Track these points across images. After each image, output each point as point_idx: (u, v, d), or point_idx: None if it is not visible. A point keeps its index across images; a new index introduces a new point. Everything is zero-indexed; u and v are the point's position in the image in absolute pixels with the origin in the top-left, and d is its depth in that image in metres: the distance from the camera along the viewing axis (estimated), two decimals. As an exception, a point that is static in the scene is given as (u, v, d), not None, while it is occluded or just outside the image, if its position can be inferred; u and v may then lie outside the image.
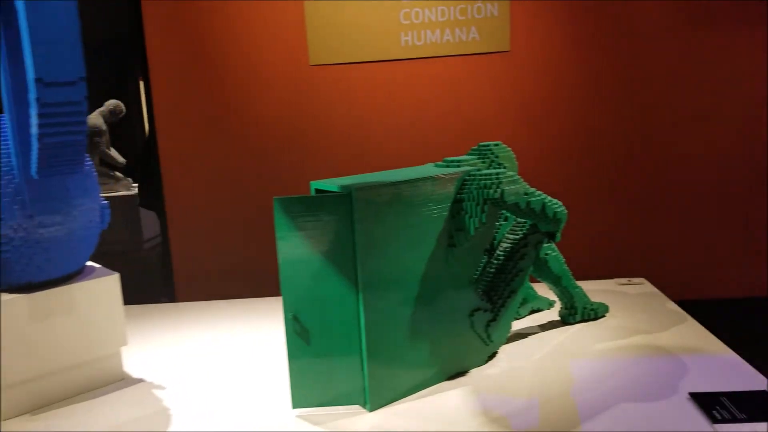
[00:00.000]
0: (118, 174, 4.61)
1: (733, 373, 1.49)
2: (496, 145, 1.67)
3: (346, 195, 1.36)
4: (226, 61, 3.00)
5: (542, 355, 1.65)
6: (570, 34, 2.81)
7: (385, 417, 1.40)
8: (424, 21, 2.81)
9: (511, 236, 1.70)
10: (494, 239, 1.77)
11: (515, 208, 1.54)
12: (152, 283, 3.82)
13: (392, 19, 2.82)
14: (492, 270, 1.67)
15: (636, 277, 2.22)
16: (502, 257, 1.68)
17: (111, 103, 4.47)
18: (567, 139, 2.91)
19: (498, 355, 1.66)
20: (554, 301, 1.98)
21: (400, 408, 1.43)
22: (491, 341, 1.62)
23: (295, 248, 1.38)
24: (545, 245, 1.73)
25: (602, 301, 1.94)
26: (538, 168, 2.93)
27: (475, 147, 1.67)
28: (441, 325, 1.53)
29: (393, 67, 2.85)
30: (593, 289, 2.11)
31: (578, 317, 1.84)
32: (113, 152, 4.60)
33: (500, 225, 1.77)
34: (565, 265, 1.79)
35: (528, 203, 1.55)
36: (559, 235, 1.72)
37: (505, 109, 2.92)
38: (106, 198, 1.78)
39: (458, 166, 1.58)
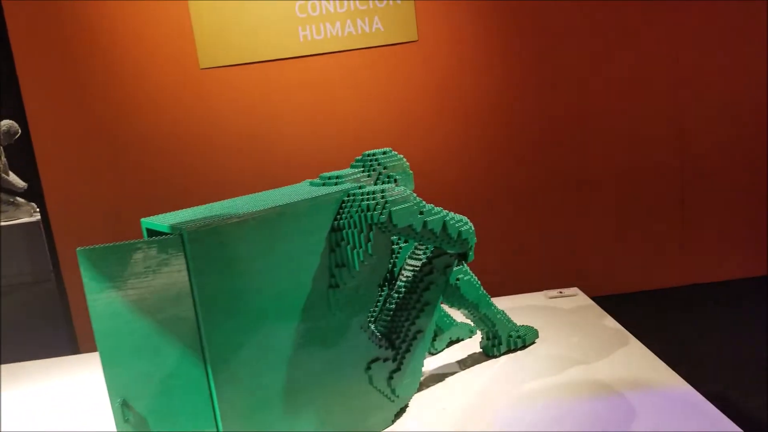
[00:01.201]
0: (19, 199, 4.11)
1: (692, 414, 1.18)
2: (384, 153, 1.32)
3: (175, 239, 0.99)
4: (110, 68, 2.58)
5: (462, 405, 1.32)
6: (482, 20, 2.50)
7: None
8: (323, 13, 2.44)
9: (413, 262, 1.36)
10: (393, 267, 1.42)
11: (410, 232, 1.20)
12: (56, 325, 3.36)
13: (288, 14, 2.44)
14: (392, 306, 1.33)
15: (568, 287, 1.91)
16: (403, 290, 1.33)
17: (4, 123, 3.96)
18: (481, 136, 2.64)
19: (408, 410, 1.32)
20: (476, 327, 1.65)
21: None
22: (397, 396, 1.28)
23: (114, 315, 1.00)
24: (456, 269, 1.40)
25: (531, 322, 1.62)
26: (450, 171, 2.68)
27: (359, 157, 1.32)
28: (329, 387, 1.18)
29: (291, 65, 2.48)
30: (520, 306, 1.80)
31: (503, 348, 1.52)
32: (12, 177, 4.10)
33: (400, 249, 1.43)
34: (482, 289, 1.45)
35: (425, 224, 1.20)
36: (471, 254, 1.39)
37: (415, 106, 2.60)
38: (7, 226, 1.36)
39: (336, 184, 1.22)
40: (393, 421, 1.28)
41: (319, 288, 1.15)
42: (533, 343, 1.57)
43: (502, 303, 1.80)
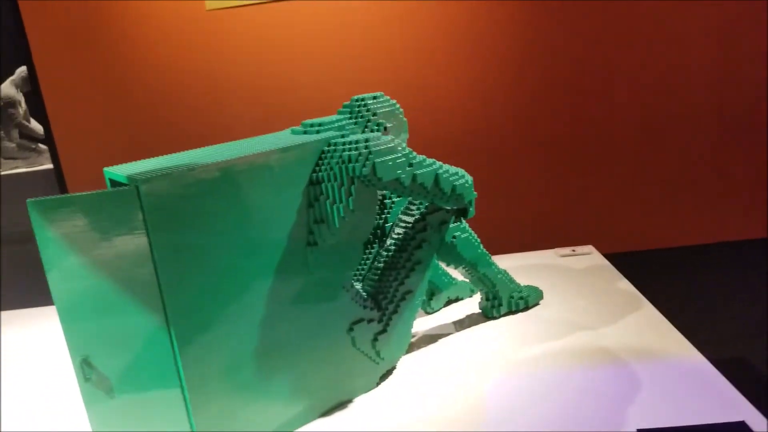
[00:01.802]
0: (41, 146, 4.09)
1: (701, 387, 1.08)
2: (375, 98, 1.20)
3: (130, 191, 0.90)
4: (114, 10, 2.49)
5: (453, 369, 1.24)
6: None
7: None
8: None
9: (406, 218, 1.26)
10: (384, 223, 1.32)
11: (397, 187, 1.09)
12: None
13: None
14: (381, 265, 1.24)
15: (583, 245, 1.79)
16: (393, 248, 1.24)
17: (23, 69, 3.92)
18: (495, 82, 2.48)
19: (395, 373, 1.25)
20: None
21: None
22: (382, 358, 1.20)
23: (70, 271, 0.93)
24: (453, 226, 1.29)
25: (538, 283, 1.51)
26: (459, 118, 2.53)
27: (347, 102, 1.21)
28: (307, 349, 1.10)
29: (295, 7, 2.34)
30: (528, 265, 1.69)
31: (503, 309, 1.42)
32: (33, 123, 4.08)
33: (392, 204, 1.33)
34: (482, 247, 1.35)
35: (414, 178, 1.10)
36: (472, 209, 1.28)
37: (430, 46, 2.44)
38: (30, 173, 1.32)
39: (317, 132, 1.12)
40: (377, 384, 1.21)
41: (296, 245, 1.06)
42: (537, 305, 1.46)
43: (508, 261, 1.70)
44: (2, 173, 3.95)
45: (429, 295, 1.47)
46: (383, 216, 1.32)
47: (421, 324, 1.43)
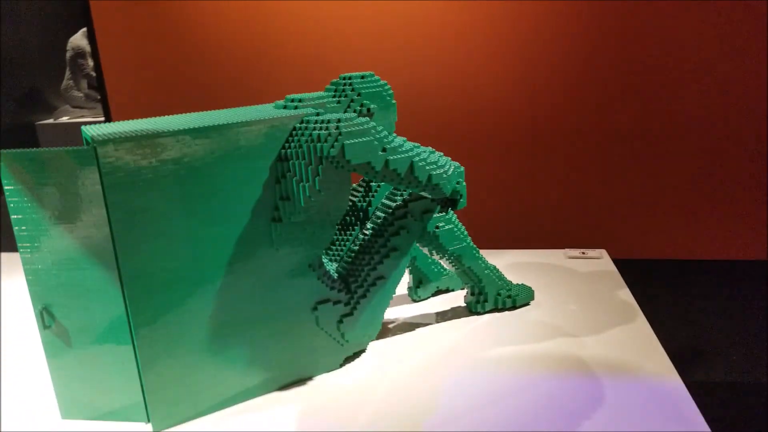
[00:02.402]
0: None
1: (667, 411, 1.02)
2: (363, 77, 1.17)
3: (88, 151, 0.92)
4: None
5: (419, 361, 1.22)
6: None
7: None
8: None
9: (388, 203, 1.24)
10: (368, 206, 1.31)
11: (369, 171, 1.07)
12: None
13: None
14: (356, 248, 1.22)
15: (596, 248, 1.72)
16: (370, 231, 1.22)
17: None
18: (517, 73, 2.38)
19: (362, 357, 1.24)
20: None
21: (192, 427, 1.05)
22: (346, 341, 1.19)
23: (33, 223, 0.97)
24: (437, 216, 1.26)
25: (534, 282, 1.46)
26: (474, 107, 2.45)
27: (335, 80, 1.18)
28: (267, 323, 1.11)
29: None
30: (533, 262, 1.64)
31: (489, 306, 1.38)
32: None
33: (378, 186, 1.31)
34: (468, 240, 1.31)
35: (386, 164, 1.07)
36: (463, 201, 1.25)
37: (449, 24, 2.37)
38: (95, 123, 1.38)
39: (296, 108, 1.11)
40: (341, 365, 1.21)
41: (261, 220, 1.06)
42: (526, 304, 1.42)
43: (514, 256, 1.65)
44: (69, 121, 4.15)
45: (417, 283, 1.44)
46: (367, 199, 1.30)
47: (404, 311, 1.42)
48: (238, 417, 1.07)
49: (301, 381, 1.17)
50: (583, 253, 1.68)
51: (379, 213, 1.23)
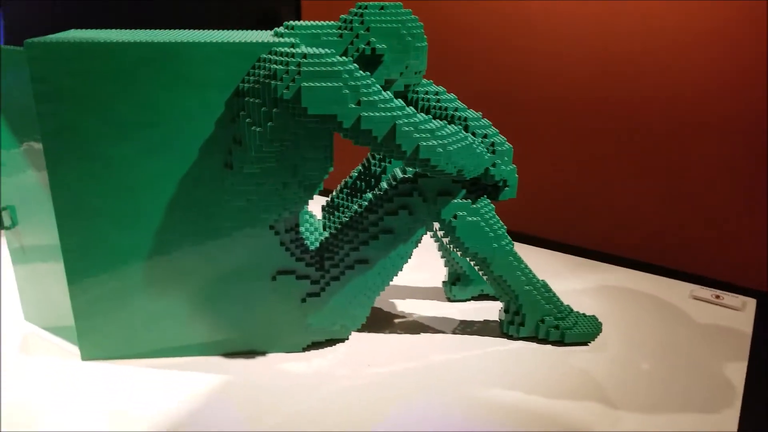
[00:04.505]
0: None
1: None
2: (382, 8, 0.91)
3: (20, 53, 0.84)
4: None
5: (385, 374, 0.97)
6: None
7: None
8: None
9: (398, 173, 0.98)
10: (382, 173, 1.06)
11: (335, 126, 0.83)
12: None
13: None
14: (344, 221, 1.00)
15: (741, 292, 1.22)
16: (365, 204, 0.98)
17: None
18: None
19: (337, 347, 1.03)
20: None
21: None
22: (309, 323, 1.00)
23: (-6, 119, 0.94)
24: (459, 202, 0.96)
25: (626, 319, 1.09)
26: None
27: (352, 9, 0.93)
28: (213, 280, 0.96)
29: None
30: (636, 290, 1.23)
31: (525, 331, 1.06)
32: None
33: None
34: (503, 241, 0.98)
35: (358, 121, 0.82)
36: (508, 190, 0.95)
37: None
38: None
39: (282, 36, 0.90)
40: (303, 350, 1.02)
41: (214, 162, 0.90)
42: (584, 344, 1.06)
43: (616, 273, 1.27)
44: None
45: (453, 279, 1.17)
46: (382, 165, 1.06)
47: (425, 307, 1.16)
48: (169, 370, 0.96)
49: (253, 353, 1.01)
50: (717, 297, 1.21)
51: (384, 185, 0.98)
